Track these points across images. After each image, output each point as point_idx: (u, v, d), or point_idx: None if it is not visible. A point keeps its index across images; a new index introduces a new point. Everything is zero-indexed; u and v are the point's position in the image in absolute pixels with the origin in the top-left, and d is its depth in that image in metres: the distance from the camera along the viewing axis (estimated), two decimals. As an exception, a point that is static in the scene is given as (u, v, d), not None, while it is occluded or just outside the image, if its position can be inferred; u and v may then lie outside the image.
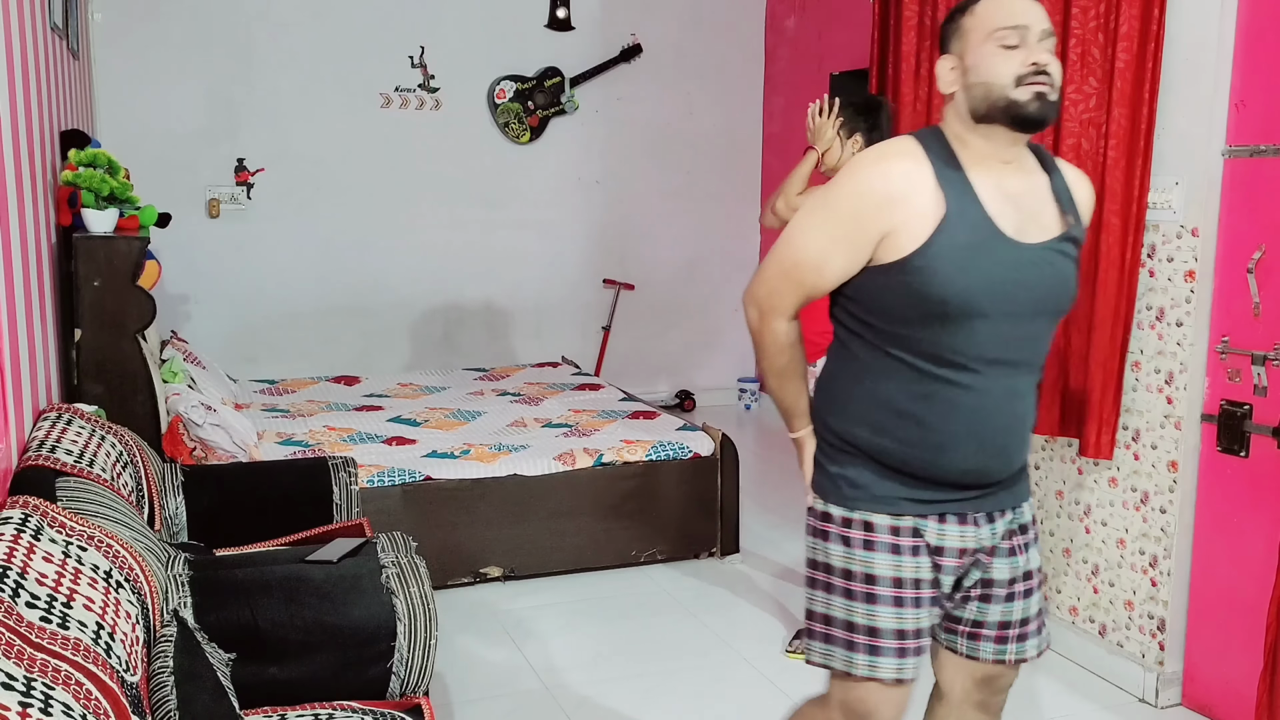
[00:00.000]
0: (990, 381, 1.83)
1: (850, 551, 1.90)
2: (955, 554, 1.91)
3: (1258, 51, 2.88)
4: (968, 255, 1.77)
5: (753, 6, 6.86)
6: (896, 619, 1.88)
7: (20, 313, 2.64)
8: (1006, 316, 1.80)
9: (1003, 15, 1.79)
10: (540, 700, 3.15)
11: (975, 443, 1.84)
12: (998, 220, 1.80)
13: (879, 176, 1.80)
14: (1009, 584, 1.96)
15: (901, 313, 1.81)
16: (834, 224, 1.83)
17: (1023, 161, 1.88)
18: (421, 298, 6.28)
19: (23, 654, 1.47)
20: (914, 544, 1.89)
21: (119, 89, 5.50)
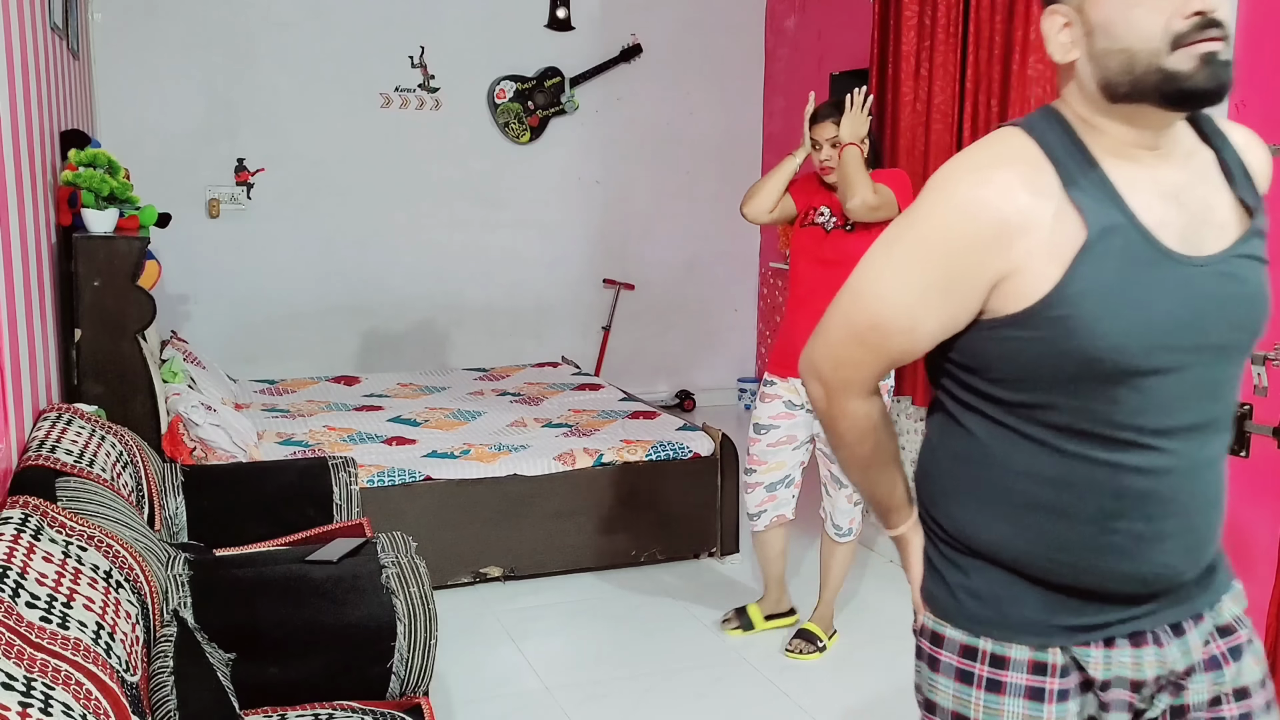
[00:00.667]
0: (1171, 458, 1.31)
1: (967, 692, 1.39)
2: (1127, 686, 1.38)
3: (1258, 51, 2.88)
4: (1124, 290, 1.25)
5: (753, 6, 6.86)
6: None
7: (20, 313, 2.64)
8: (1187, 366, 1.29)
9: None
10: (540, 700, 3.15)
11: (1157, 542, 1.33)
12: (1159, 233, 1.27)
13: (987, 195, 1.26)
14: (1212, 706, 1.40)
15: (1036, 378, 1.30)
16: (925, 268, 1.31)
17: (1179, 140, 1.34)
18: (421, 298, 6.28)
19: (23, 654, 1.47)
20: (1064, 686, 1.37)
21: (119, 89, 5.50)
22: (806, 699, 3.17)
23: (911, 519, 1.50)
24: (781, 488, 3.44)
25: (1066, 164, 1.28)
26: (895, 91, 3.89)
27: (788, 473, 3.42)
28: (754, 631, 3.55)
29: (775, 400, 3.37)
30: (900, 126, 3.89)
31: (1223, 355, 1.32)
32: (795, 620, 3.59)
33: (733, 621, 3.57)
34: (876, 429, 1.45)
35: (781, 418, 3.37)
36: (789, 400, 3.34)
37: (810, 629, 3.46)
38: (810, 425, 3.36)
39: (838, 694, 3.20)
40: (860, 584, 4.03)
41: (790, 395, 3.33)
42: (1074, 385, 1.28)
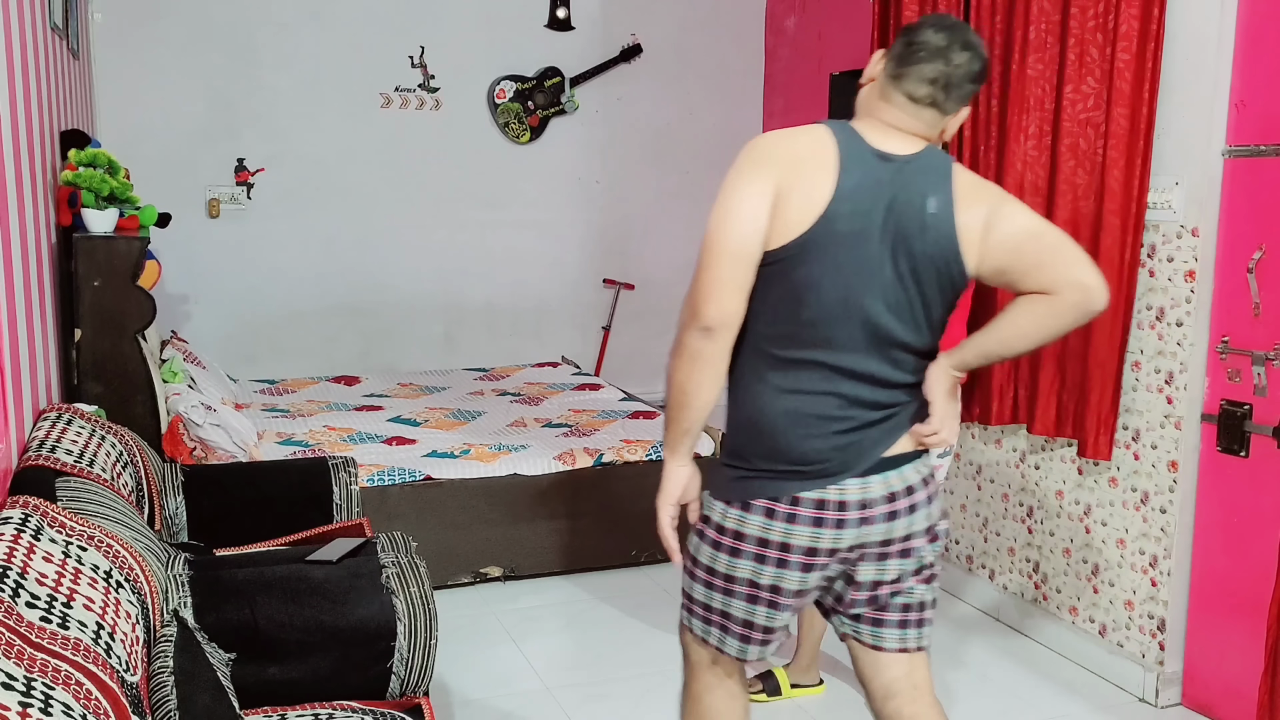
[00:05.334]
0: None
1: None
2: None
3: (1258, 51, 2.88)
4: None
5: (753, 6, 6.86)
6: None
7: (20, 313, 2.64)
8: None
9: None
10: (540, 700, 3.15)
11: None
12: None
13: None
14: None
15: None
16: None
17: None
18: (421, 298, 6.28)
19: (23, 654, 1.47)
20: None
21: (119, 89, 5.49)
22: (806, 699, 3.17)
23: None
24: None
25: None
26: (895, 91, 3.90)
27: None
28: (780, 699, 3.18)
29: None
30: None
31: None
32: (822, 691, 3.24)
33: (756, 686, 3.18)
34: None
35: None
36: None
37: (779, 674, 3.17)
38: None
39: (837, 694, 3.20)
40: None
41: None
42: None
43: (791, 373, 1.92)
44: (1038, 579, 3.59)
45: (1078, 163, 3.23)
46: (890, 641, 2.04)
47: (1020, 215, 1.91)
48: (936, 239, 1.88)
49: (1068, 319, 1.88)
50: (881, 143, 1.92)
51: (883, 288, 1.89)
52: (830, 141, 1.91)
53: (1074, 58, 3.21)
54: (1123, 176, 3.11)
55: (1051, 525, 3.52)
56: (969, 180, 1.94)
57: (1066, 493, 3.46)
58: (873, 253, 1.87)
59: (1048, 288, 1.87)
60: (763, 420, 1.94)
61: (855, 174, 1.88)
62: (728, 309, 1.89)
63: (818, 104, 6.36)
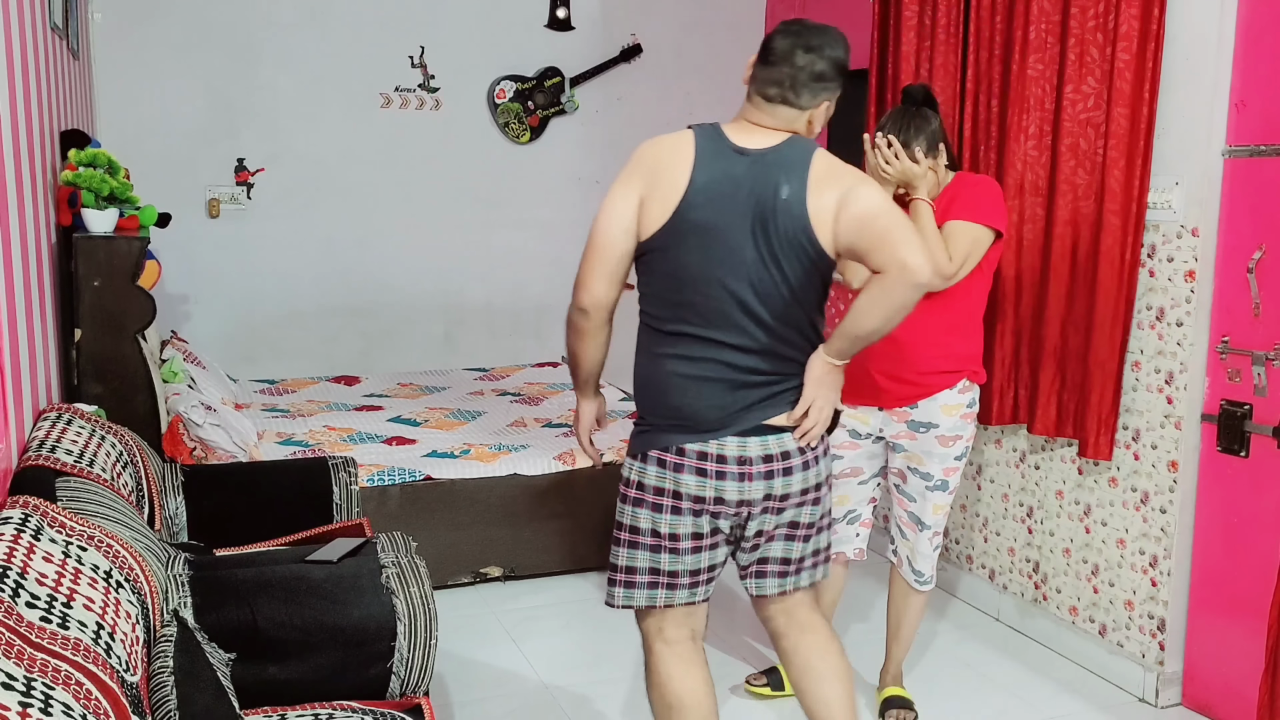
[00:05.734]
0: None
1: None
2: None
3: (1258, 51, 2.88)
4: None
5: (753, 6, 6.86)
6: None
7: (20, 313, 2.64)
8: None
9: None
10: (540, 700, 3.15)
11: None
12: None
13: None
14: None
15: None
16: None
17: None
18: (421, 298, 6.28)
19: (23, 654, 1.47)
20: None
21: (119, 89, 5.49)
22: (806, 699, 3.17)
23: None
24: (843, 524, 3.05)
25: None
26: (895, 91, 3.89)
27: (851, 507, 3.05)
28: (783, 694, 3.15)
29: (841, 429, 2.96)
30: (900, 126, 3.89)
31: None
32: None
33: (760, 680, 3.21)
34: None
35: (846, 447, 3.00)
36: (854, 429, 2.99)
37: (900, 695, 3.08)
38: (880, 458, 3.03)
39: (838, 694, 3.20)
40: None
41: (855, 424, 2.98)
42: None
43: (675, 343, 2.21)
44: (1038, 579, 3.59)
45: (1078, 163, 3.23)
46: (770, 589, 2.35)
47: (866, 198, 2.12)
48: (790, 222, 2.12)
49: (895, 295, 2.09)
50: (742, 139, 2.19)
51: (746, 267, 2.14)
52: (690, 143, 2.19)
53: (1074, 58, 3.21)
54: (1123, 176, 3.11)
55: (1051, 525, 3.52)
56: (824, 166, 2.15)
57: (1066, 493, 3.46)
58: (734, 237, 2.14)
59: (880, 266, 2.10)
60: (653, 382, 2.25)
61: (710, 169, 2.15)
62: (596, 294, 2.21)
63: (818, 104, 6.35)
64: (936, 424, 2.87)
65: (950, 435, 2.89)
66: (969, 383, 2.90)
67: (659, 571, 2.28)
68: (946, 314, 2.84)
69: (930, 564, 3.02)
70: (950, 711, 3.13)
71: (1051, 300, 3.29)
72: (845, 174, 2.15)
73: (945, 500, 2.95)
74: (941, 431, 2.88)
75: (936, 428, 2.88)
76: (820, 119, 2.23)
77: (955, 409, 2.88)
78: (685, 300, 2.18)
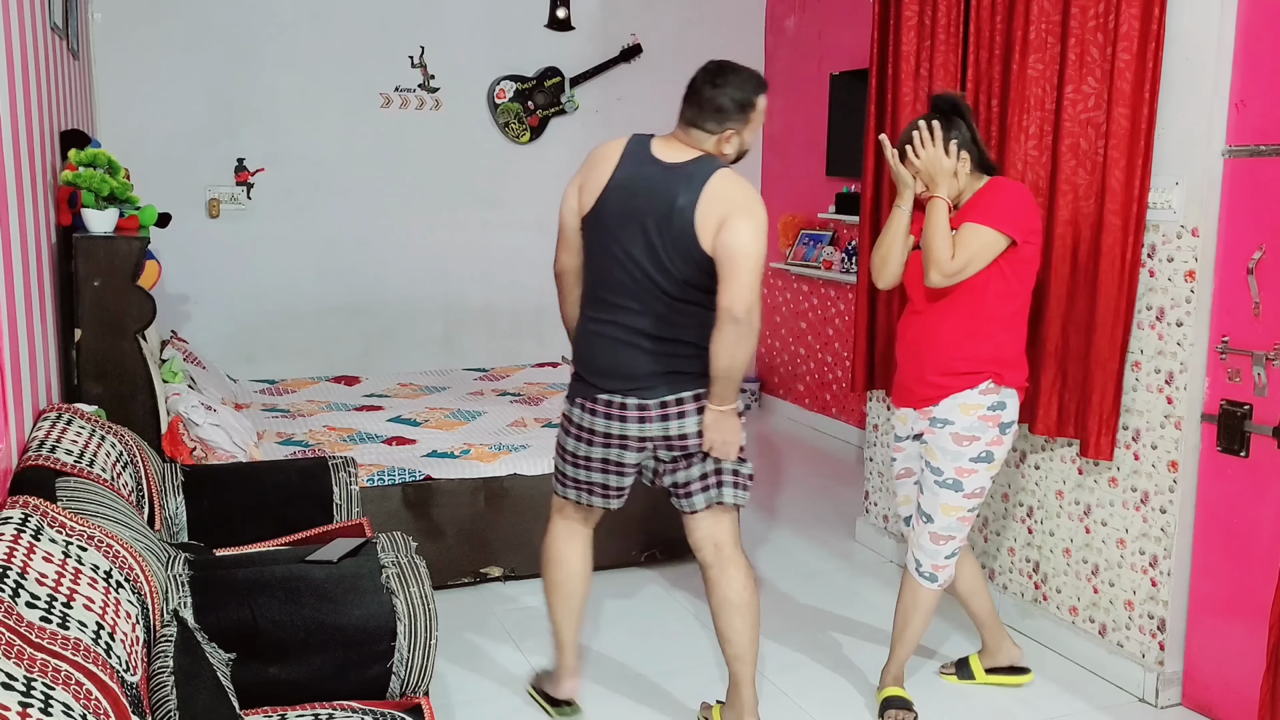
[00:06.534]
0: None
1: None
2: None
3: (1258, 51, 2.88)
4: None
5: (753, 6, 6.86)
6: None
7: (20, 313, 2.64)
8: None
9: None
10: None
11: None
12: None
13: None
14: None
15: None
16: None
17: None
18: (421, 298, 6.28)
19: (23, 654, 1.47)
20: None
21: (119, 89, 5.50)
22: (807, 699, 3.17)
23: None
24: (907, 526, 3.15)
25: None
26: (895, 91, 3.89)
27: (915, 507, 3.10)
28: (973, 683, 3.26)
29: (894, 432, 3.16)
30: (900, 126, 3.88)
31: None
32: (1028, 680, 3.26)
33: (949, 668, 3.32)
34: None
35: (897, 450, 3.13)
36: (898, 433, 3.10)
37: (900, 695, 3.08)
38: (920, 458, 3.06)
39: (838, 694, 3.20)
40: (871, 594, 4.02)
41: (899, 426, 3.09)
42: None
43: (595, 307, 2.72)
44: (1038, 579, 3.59)
45: (1078, 163, 3.23)
46: (699, 504, 2.76)
47: (736, 235, 2.51)
48: (680, 225, 2.55)
49: (724, 331, 2.54)
50: (661, 152, 2.64)
51: (646, 252, 2.60)
52: (620, 147, 2.69)
53: (1074, 58, 3.21)
54: (1123, 176, 3.11)
55: (1051, 525, 3.52)
56: (719, 188, 2.54)
57: (1066, 493, 3.46)
58: (638, 226, 2.59)
59: (719, 298, 2.54)
60: (580, 342, 2.76)
61: (629, 170, 2.63)
62: (561, 261, 2.81)
63: (818, 103, 6.36)
64: (952, 421, 2.90)
65: (966, 435, 2.89)
66: (992, 384, 2.88)
67: (579, 481, 2.85)
68: (962, 317, 2.88)
69: (929, 558, 2.99)
70: (950, 712, 3.13)
71: (1052, 300, 3.29)
72: (736, 202, 2.53)
73: (957, 501, 2.92)
74: (956, 429, 2.89)
75: (952, 425, 2.90)
76: (731, 145, 2.64)
77: (974, 409, 2.88)
78: (602, 272, 2.68)
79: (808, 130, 6.48)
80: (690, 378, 2.66)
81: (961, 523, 2.95)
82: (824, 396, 6.50)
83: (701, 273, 2.57)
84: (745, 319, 2.51)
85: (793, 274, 6.65)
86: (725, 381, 2.60)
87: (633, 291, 2.63)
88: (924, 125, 2.85)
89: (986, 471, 2.92)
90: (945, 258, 2.78)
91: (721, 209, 2.51)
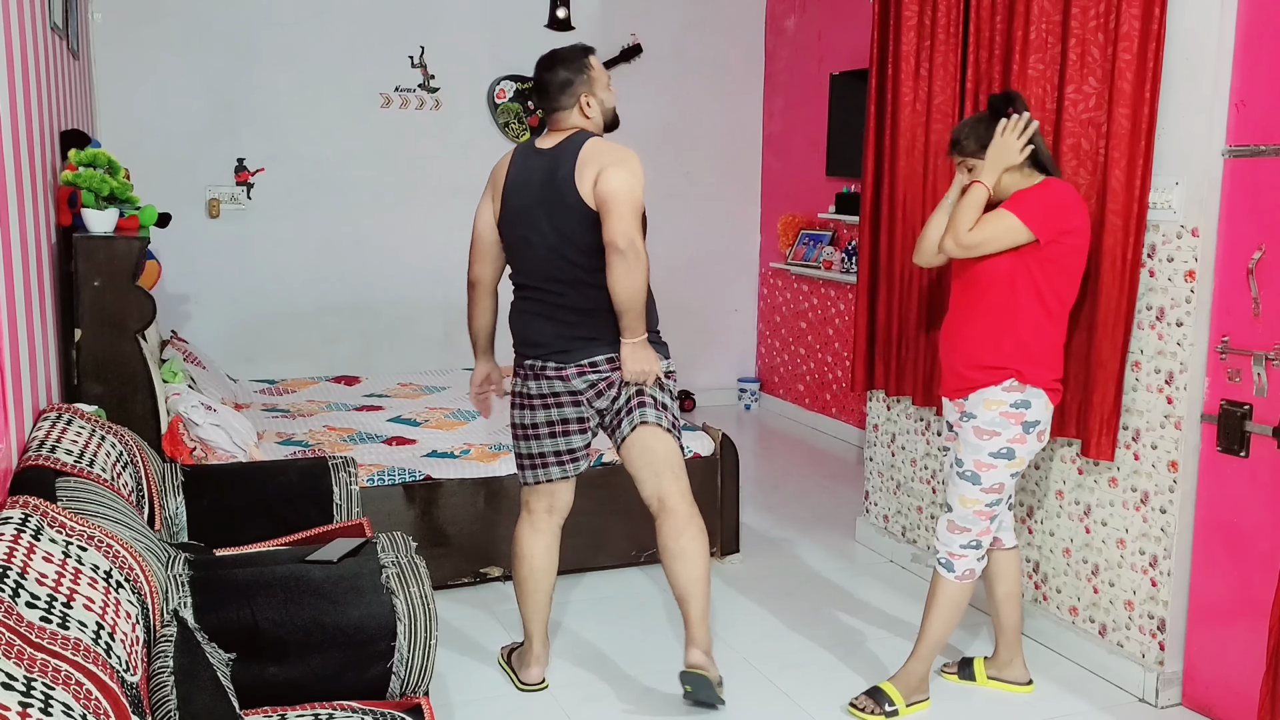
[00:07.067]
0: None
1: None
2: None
3: (1258, 51, 2.88)
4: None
5: (753, 6, 6.86)
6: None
7: (20, 313, 2.64)
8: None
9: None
10: (540, 700, 3.15)
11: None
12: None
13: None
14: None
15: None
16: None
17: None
18: (421, 298, 6.28)
19: (23, 654, 1.47)
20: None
21: (119, 89, 5.50)
22: (806, 699, 3.17)
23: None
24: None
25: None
26: (895, 91, 3.89)
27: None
28: (973, 684, 3.26)
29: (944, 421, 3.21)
30: (900, 126, 3.89)
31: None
32: (1028, 691, 3.22)
33: (951, 667, 3.31)
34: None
35: (948, 439, 3.17)
36: (947, 419, 3.16)
37: (885, 689, 3.08)
38: (954, 449, 3.07)
39: (838, 694, 3.20)
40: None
41: (944, 418, 3.18)
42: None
43: (520, 290, 3.05)
44: (1038, 579, 3.59)
45: (1079, 163, 3.23)
46: (636, 422, 2.98)
47: (609, 181, 2.80)
48: (566, 192, 2.86)
49: (611, 265, 2.80)
50: (542, 143, 2.97)
51: (548, 235, 2.91)
52: (509, 154, 3.05)
53: (1075, 58, 3.21)
54: (1124, 177, 3.11)
55: (1051, 525, 3.52)
56: (590, 151, 2.85)
57: (1066, 493, 3.46)
58: (538, 213, 2.92)
59: (605, 235, 2.80)
60: (514, 322, 3.07)
61: (518, 168, 2.99)
62: (476, 272, 3.12)
63: (818, 104, 6.36)
64: (975, 415, 2.96)
65: (987, 429, 2.92)
66: (1015, 382, 2.91)
67: (532, 455, 3.09)
68: (990, 313, 2.93)
69: (944, 545, 3.03)
70: (950, 712, 3.13)
71: (1052, 300, 3.29)
72: (608, 155, 2.84)
73: (974, 494, 2.95)
74: (978, 423, 2.94)
75: (975, 418, 2.95)
76: (592, 110, 2.95)
77: (996, 404, 2.92)
78: (519, 259, 3.02)
79: (808, 130, 6.48)
80: (602, 343, 2.95)
81: (978, 516, 2.98)
82: (824, 396, 6.50)
83: (597, 233, 2.84)
84: (629, 249, 2.77)
85: (793, 274, 6.65)
86: (629, 314, 2.85)
87: (546, 273, 2.95)
88: (1025, 117, 2.91)
89: (1006, 468, 2.94)
90: (964, 228, 2.89)
91: (595, 166, 2.82)
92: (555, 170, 2.88)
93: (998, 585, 3.18)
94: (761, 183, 7.00)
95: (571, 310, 2.95)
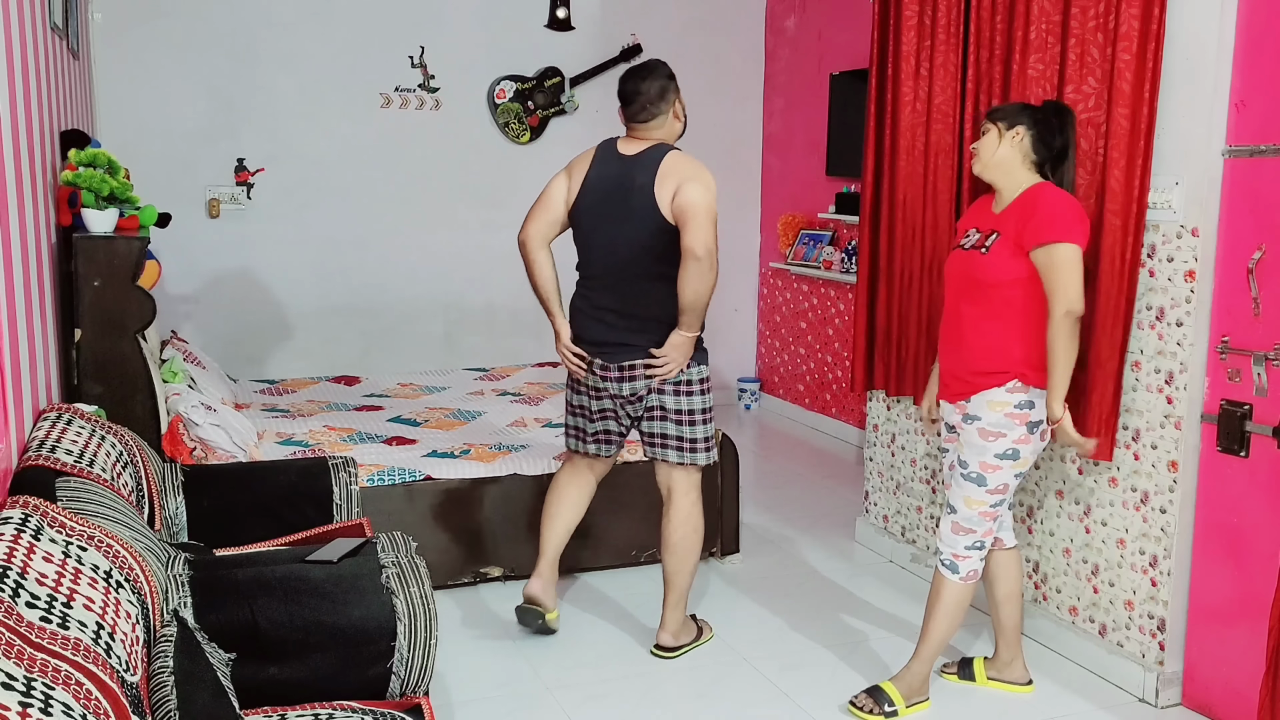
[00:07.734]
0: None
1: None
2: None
3: (1258, 51, 2.88)
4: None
5: (753, 6, 6.86)
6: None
7: (20, 313, 2.64)
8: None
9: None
10: (540, 700, 3.15)
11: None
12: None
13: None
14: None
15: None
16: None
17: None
18: (421, 298, 6.28)
19: (23, 654, 1.47)
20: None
21: (119, 89, 5.50)
22: (806, 699, 3.18)
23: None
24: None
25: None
26: (895, 91, 3.89)
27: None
28: (973, 684, 3.26)
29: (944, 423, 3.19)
30: (900, 126, 3.88)
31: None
32: (1028, 691, 3.22)
33: (951, 667, 3.31)
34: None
35: (949, 441, 3.15)
36: (948, 421, 3.13)
37: (886, 689, 3.08)
38: (956, 450, 3.07)
39: (838, 694, 3.20)
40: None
41: (946, 419, 3.15)
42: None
43: (586, 288, 3.30)
44: (1038, 579, 3.59)
45: (1079, 162, 3.23)
46: (656, 455, 3.31)
47: (688, 194, 3.05)
48: (643, 201, 3.11)
49: (685, 267, 3.04)
50: (623, 148, 3.23)
51: (621, 235, 3.16)
52: (592, 151, 3.29)
53: (1075, 58, 3.21)
54: (1124, 177, 3.11)
55: (1051, 525, 3.52)
56: (671, 164, 3.12)
57: (1066, 493, 3.46)
58: (612, 213, 3.17)
59: (683, 245, 3.04)
60: (572, 313, 3.34)
61: (600, 168, 3.23)
62: (526, 230, 3.31)
63: (818, 104, 6.36)
64: (979, 417, 2.95)
65: (992, 430, 2.93)
66: (1019, 384, 2.91)
67: (577, 429, 3.45)
68: (993, 317, 2.93)
69: (948, 546, 3.02)
70: (950, 712, 3.13)
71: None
72: (686, 170, 3.09)
73: (979, 495, 2.95)
74: (983, 425, 2.94)
75: (979, 420, 2.95)
76: (671, 131, 3.24)
77: (1000, 406, 2.92)
78: (586, 255, 3.28)
79: (808, 130, 6.48)
80: (638, 350, 3.20)
81: (983, 517, 2.98)
82: (824, 396, 6.50)
83: (663, 240, 3.09)
84: (705, 257, 3.01)
85: (793, 274, 6.65)
86: (691, 312, 3.10)
87: (606, 267, 3.21)
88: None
89: (1011, 469, 2.94)
90: (1076, 298, 2.82)
91: (675, 179, 3.07)
92: (635, 176, 3.13)
93: (998, 585, 3.18)
94: (761, 183, 7.00)
95: (618, 314, 3.21)
